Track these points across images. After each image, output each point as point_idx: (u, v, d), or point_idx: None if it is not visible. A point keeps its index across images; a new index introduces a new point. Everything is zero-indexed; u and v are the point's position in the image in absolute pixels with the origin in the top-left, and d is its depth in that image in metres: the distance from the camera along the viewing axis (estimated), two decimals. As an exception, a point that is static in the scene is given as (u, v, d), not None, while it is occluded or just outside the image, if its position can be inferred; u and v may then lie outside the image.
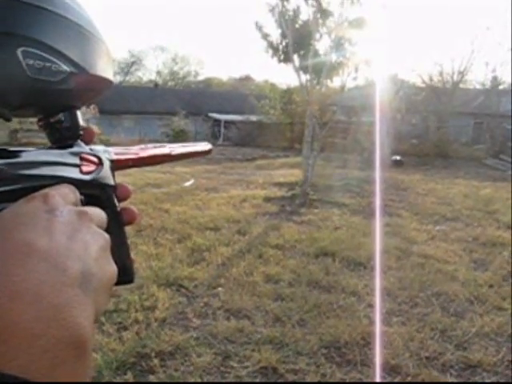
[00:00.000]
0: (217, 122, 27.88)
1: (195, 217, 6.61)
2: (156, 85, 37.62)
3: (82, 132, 0.45)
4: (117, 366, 2.83)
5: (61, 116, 0.42)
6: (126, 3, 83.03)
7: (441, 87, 24.67)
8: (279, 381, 2.81)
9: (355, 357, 3.06)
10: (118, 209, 0.46)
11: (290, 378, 2.83)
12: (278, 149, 22.31)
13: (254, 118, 26.01)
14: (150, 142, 0.65)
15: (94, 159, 0.45)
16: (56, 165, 0.39)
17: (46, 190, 0.36)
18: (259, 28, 9.26)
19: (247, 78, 49.97)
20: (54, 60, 0.38)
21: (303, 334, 3.33)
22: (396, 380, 2.87)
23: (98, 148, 0.47)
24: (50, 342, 0.28)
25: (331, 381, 2.83)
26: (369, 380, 2.87)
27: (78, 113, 0.44)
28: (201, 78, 49.13)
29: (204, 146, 0.70)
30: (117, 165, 0.48)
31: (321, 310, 3.72)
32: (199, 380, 2.76)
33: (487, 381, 2.92)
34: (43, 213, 0.33)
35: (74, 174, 0.41)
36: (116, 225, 0.44)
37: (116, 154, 0.49)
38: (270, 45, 9.32)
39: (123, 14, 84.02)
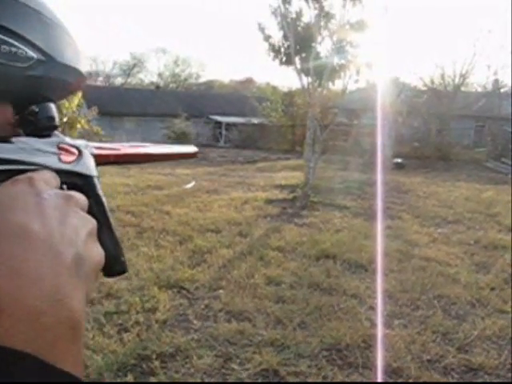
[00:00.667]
0: (218, 124, 27.93)
1: (196, 219, 6.61)
2: (157, 87, 37.71)
3: (58, 124, 0.44)
4: (117, 367, 2.82)
5: (34, 108, 0.42)
6: (127, 6, 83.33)
7: (442, 90, 24.65)
8: (281, 381, 2.81)
9: (356, 359, 3.05)
10: (103, 198, 0.45)
11: (291, 380, 2.82)
12: (279, 151, 22.32)
13: (255, 120, 26.06)
14: (152, 143, 0.68)
15: (73, 150, 0.44)
16: (34, 151, 0.39)
17: (29, 174, 0.36)
18: (262, 29, 9.25)
19: (249, 81, 50.02)
20: (20, 46, 0.38)
21: (304, 336, 3.32)
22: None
23: (79, 142, 0.46)
24: (50, 321, 0.29)
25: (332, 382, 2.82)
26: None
27: (53, 106, 0.44)
28: (202, 80, 49.28)
29: (189, 148, 0.70)
30: (98, 160, 0.48)
31: (322, 312, 3.72)
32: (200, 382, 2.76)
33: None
34: (32, 196, 0.33)
35: (52, 162, 0.41)
36: (101, 214, 0.44)
37: (97, 148, 0.49)
38: (272, 47, 9.32)
39: (125, 17, 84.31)
